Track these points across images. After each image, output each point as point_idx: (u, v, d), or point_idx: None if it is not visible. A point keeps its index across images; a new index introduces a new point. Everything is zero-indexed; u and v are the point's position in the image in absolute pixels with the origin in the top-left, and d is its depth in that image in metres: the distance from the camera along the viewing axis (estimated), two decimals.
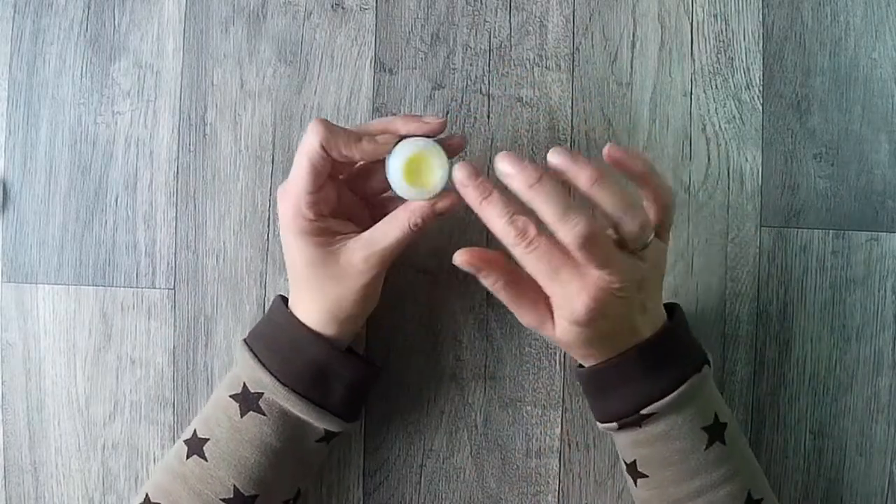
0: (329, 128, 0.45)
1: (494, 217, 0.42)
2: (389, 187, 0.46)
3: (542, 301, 0.44)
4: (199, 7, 0.55)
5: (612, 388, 0.46)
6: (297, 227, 0.46)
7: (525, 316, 0.45)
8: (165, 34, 0.55)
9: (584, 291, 0.42)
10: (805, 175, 0.55)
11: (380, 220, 0.47)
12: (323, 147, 0.44)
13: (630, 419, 0.45)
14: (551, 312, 0.44)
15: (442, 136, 0.47)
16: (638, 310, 0.44)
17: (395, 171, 0.45)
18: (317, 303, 0.47)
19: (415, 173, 0.45)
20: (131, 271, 0.55)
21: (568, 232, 0.40)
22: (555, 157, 0.42)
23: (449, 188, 0.45)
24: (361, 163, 0.48)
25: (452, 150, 0.47)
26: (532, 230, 0.42)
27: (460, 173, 0.43)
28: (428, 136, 0.46)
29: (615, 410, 0.46)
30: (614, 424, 0.46)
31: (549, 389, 0.54)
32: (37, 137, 0.55)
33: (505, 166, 0.42)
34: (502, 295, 0.45)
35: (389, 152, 0.46)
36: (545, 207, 0.41)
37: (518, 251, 0.42)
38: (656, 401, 0.45)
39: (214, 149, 0.55)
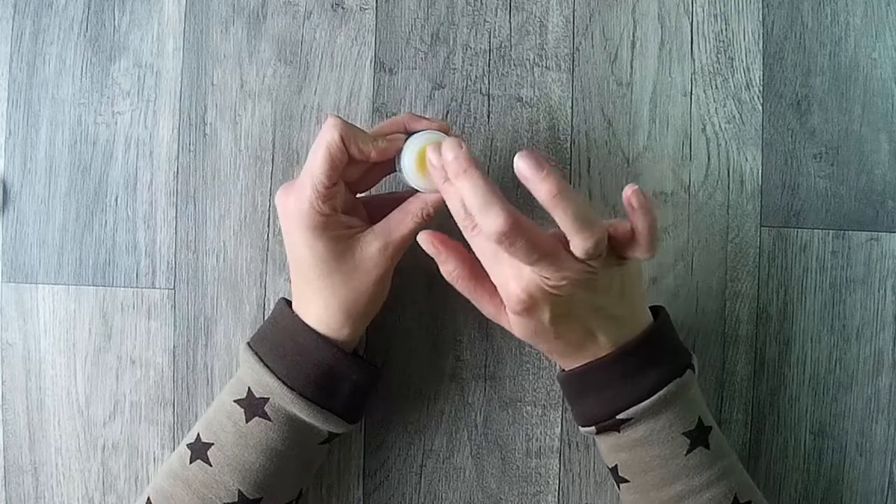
0: (348, 124, 0.45)
1: (452, 198, 0.44)
2: (397, 181, 0.47)
3: (498, 292, 0.45)
4: (199, 7, 0.55)
5: (590, 392, 0.46)
6: (311, 222, 0.45)
7: (484, 306, 0.46)
8: (165, 34, 0.55)
9: (516, 280, 0.43)
10: (805, 175, 0.55)
11: (378, 217, 0.48)
12: (343, 141, 0.45)
13: (607, 423, 0.46)
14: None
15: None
16: (591, 312, 0.44)
17: (409, 163, 0.46)
18: (328, 303, 0.47)
19: (426, 165, 0.46)
20: (131, 271, 0.55)
21: (486, 226, 0.41)
22: (520, 164, 0.40)
23: None
24: (365, 170, 0.49)
25: None
26: None
27: (431, 155, 0.44)
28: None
29: (593, 414, 0.46)
30: (592, 429, 0.46)
31: (549, 389, 0.54)
32: (37, 137, 0.55)
33: (446, 153, 0.42)
34: (460, 285, 0.46)
35: (401, 148, 0.47)
36: (468, 198, 0.41)
37: (467, 233, 0.44)
38: (633, 405, 0.45)
39: (214, 149, 0.55)
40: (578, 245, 0.41)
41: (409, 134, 0.47)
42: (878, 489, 0.54)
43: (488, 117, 0.54)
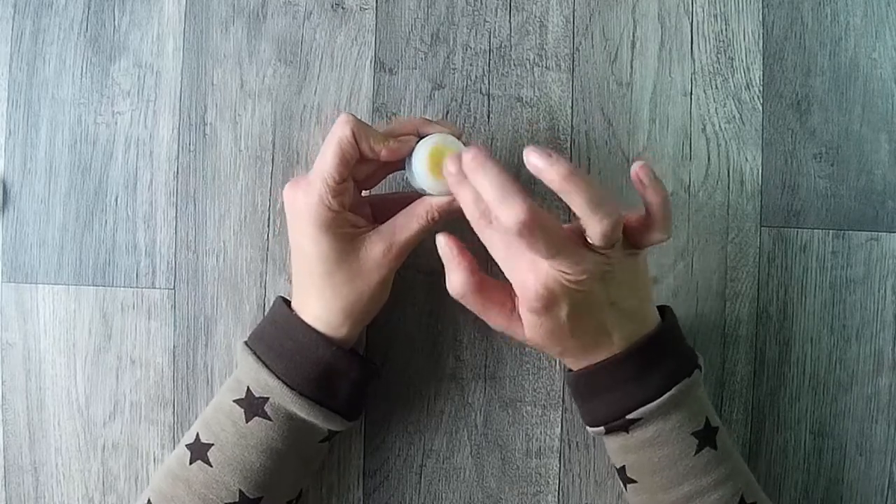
0: (359, 121, 0.46)
1: (465, 198, 0.43)
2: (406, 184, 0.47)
3: (509, 302, 0.45)
4: (199, 7, 0.55)
5: (600, 391, 0.46)
6: (320, 217, 0.45)
7: (493, 319, 0.45)
8: (165, 34, 0.55)
9: (534, 276, 0.42)
10: (805, 175, 0.55)
11: (381, 216, 0.48)
12: (355, 137, 0.45)
13: (617, 423, 0.45)
14: (519, 315, 0.45)
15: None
16: (606, 306, 0.44)
17: (420, 166, 0.46)
18: (329, 302, 0.47)
19: (438, 166, 0.46)
20: (131, 271, 0.55)
21: (505, 217, 0.40)
22: (530, 157, 0.40)
23: None
24: (374, 169, 0.49)
25: None
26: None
27: (449, 163, 0.44)
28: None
29: (602, 414, 0.46)
30: (601, 429, 0.46)
31: (549, 389, 0.54)
32: (37, 137, 0.55)
33: (465, 153, 0.42)
34: (469, 299, 0.45)
35: (411, 149, 0.47)
36: (486, 191, 0.41)
37: (483, 234, 0.44)
38: (643, 405, 0.45)
39: (214, 149, 0.55)
40: (596, 228, 0.41)
41: (421, 137, 0.47)
42: (878, 489, 0.54)
43: (488, 117, 0.54)
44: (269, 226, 0.55)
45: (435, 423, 0.54)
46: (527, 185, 0.54)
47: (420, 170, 0.46)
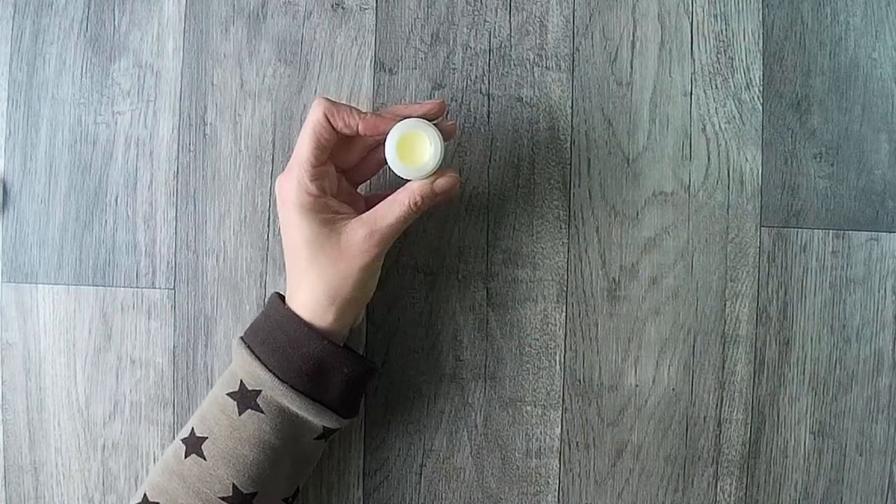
0: (332, 101, 0.46)
1: None
2: (384, 173, 0.48)
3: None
4: (199, 7, 0.55)
5: None
6: (300, 202, 0.46)
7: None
8: (165, 34, 0.55)
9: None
10: (805, 175, 0.55)
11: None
12: (327, 118, 0.46)
13: None
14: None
15: (438, 120, 0.48)
16: None
17: (391, 148, 0.47)
18: (313, 286, 0.47)
19: (408, 151, 0.47)
20: (131, 271, 0.55)
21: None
22: None
23: (444, 167, 0.47)
24: (360, 157, 0.50)
25: (445, 135, 0.48)
26: None
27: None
28: (427, 118, 0.48)
29: None
30: None
31: (549, 389, 0.54)
32: (37, 137, 0.55)
33: None
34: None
35: (387, 132, 0.47)
36: None
37: None
38: None
39: (214, 149, 0.55)
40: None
41: (399, 120, 0.47)
42: (878, 489, 0.54)
43: (488, 117, 0.55)
44: (269, 226, 0.55)
45: (435, 423, 0.54)
46: (526, 182, 0.54)
47: (392, 157, 0.47)
